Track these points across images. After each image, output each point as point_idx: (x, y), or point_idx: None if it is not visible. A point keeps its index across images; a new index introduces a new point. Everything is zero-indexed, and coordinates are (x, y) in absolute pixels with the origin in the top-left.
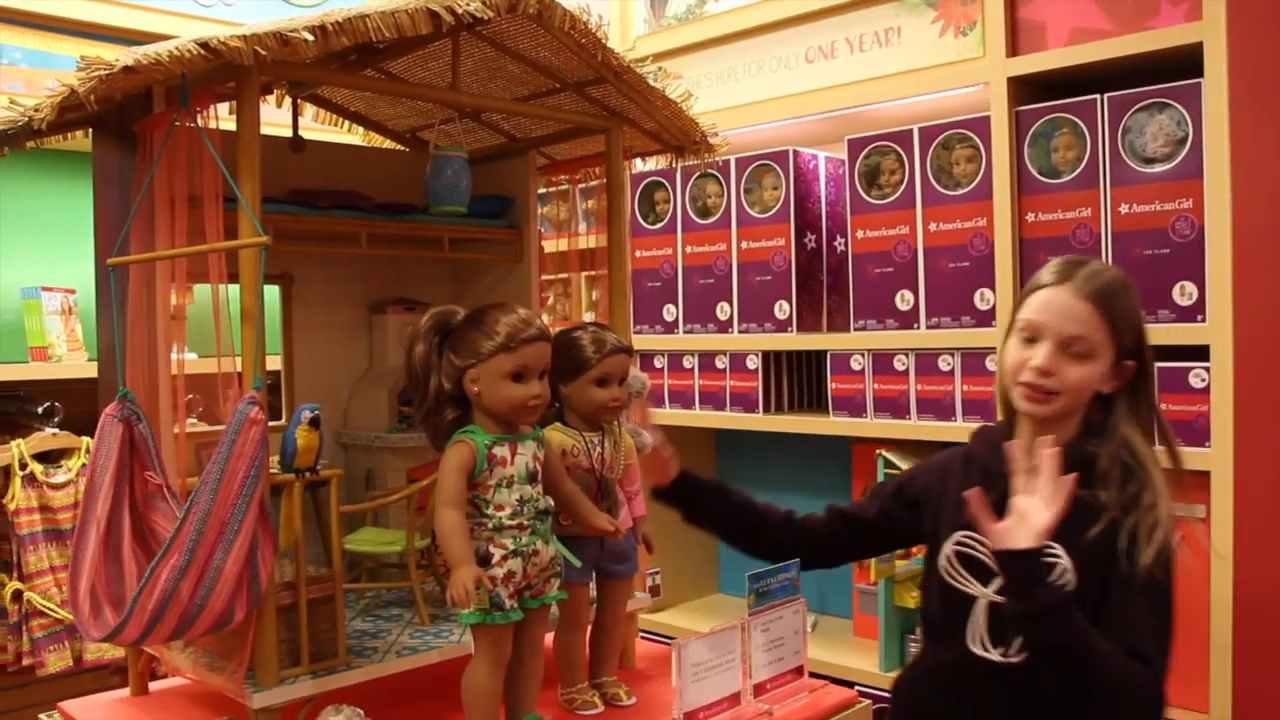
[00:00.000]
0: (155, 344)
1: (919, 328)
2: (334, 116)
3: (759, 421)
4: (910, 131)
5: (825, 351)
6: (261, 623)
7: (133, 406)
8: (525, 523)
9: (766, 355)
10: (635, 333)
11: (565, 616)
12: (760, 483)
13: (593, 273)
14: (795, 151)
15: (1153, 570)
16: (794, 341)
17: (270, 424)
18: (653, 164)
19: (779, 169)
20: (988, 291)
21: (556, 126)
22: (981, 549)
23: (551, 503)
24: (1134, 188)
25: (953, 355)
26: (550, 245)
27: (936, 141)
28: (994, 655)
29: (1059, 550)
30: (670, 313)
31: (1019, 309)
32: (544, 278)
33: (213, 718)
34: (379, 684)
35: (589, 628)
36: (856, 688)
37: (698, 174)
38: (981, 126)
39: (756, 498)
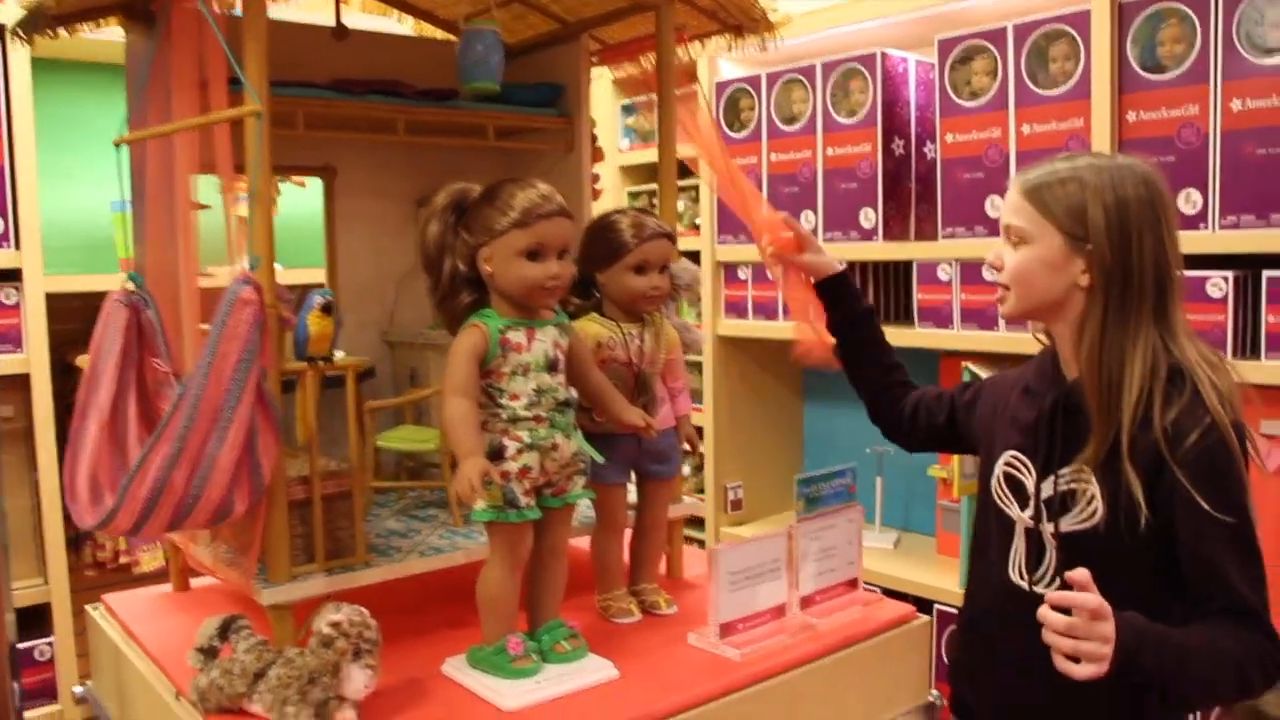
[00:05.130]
0: (174, 233)
1: None
2: (384, 7)
3: None
4: (1004, 29)
5: (912, 261)
6: (271, 516)
7: (141, 292)
8: (543, 414)
9: (851, 265)
10: (719, 243)
11: (601, 519)
12: (845, 395)
13: (681, 183)
14: (884, 54)
15: (1233, 505)
16: (880, 250)
17: None
18: (735, 72)
19: (867, 72)
20: None
21: (607, 6)
22: (1024, 470)
23: (574, 394)
24: (1249, 81)
25: None
26: (639, 156)
27: (1032, 38)
28: (1024, 584)
29: (1090, 476)
30: None
31: None
32: (631, 189)
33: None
34: (402, 585)
35: (627, 532)
36: (938, 606)
37: (784, 79)
38: (1080, 21)
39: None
